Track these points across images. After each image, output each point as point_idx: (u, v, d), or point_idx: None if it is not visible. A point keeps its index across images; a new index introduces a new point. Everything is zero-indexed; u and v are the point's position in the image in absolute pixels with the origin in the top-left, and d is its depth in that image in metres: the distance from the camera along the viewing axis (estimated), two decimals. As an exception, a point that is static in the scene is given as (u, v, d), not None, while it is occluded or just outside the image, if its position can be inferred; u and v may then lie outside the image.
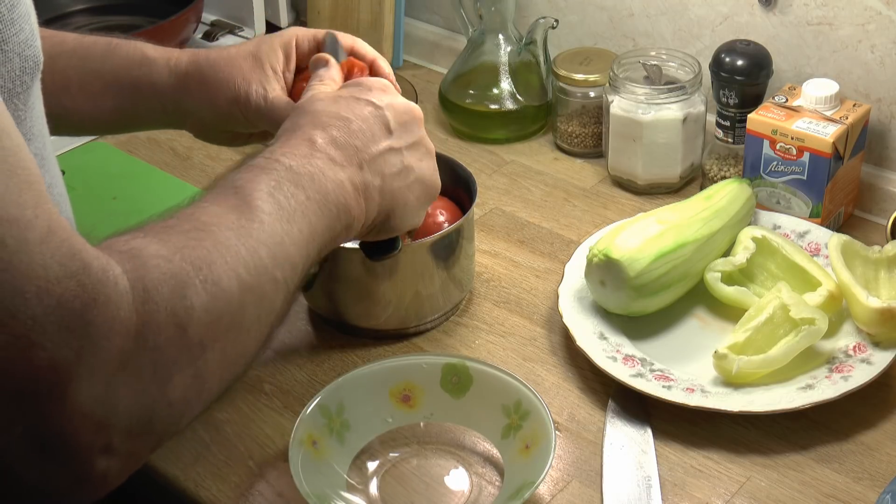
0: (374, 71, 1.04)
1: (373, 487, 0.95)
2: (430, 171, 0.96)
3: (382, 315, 1.08)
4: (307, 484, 0.89)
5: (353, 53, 1.04)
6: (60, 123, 0.92)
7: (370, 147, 0.90)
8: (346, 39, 1.05)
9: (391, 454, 0.98)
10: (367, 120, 0.91)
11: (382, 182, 0.91)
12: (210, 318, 0.68)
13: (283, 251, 0.77)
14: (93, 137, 1.44)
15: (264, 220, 0.77)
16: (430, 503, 0.94)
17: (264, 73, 1.01)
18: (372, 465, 0.97)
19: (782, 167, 1.18)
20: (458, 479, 0.95)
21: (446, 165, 1.08)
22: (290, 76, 1.03)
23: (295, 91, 1.02)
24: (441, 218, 1.10)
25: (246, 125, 1.03)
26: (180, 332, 0.66)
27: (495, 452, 0.96)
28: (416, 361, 1.00)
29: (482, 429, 0.98)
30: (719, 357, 1.00)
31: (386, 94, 0.94)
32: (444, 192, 1.05)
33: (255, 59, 1.01)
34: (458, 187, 1.12)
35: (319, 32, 1.05)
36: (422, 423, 0.99)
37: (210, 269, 0.70)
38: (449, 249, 1.08)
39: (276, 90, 1.01)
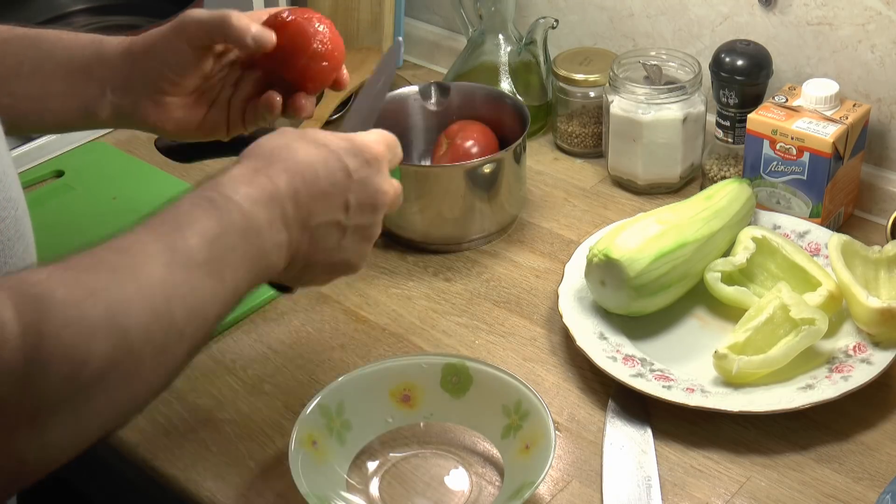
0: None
1: (373, 487, 0.95)
2: (358, 255, 0.90)
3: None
4: (307, 484, 0.89)
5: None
6: (6, 116, 0.89)
7: (321, 216, 0.85)
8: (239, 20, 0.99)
9: (391, 454, 0.98)
10: (336, 186, 0.85)
11: (313, 252, 0.85)
12: (106, 367, 0.66)
13: (201, 308, 0.74)
14: (93, 137, 1.44)
15: (192, 272, 0.73)
16: (431, 503, 0.94)
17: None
18: (372, 465, 0.97)
19: (782, 167, 1.18)
20: (458, 479, 0.96)
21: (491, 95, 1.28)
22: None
23: (274, 25, 0.97)
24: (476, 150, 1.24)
25: (193, 61, 0.97)
26: (71, 379, 0.64)
27: (495, 452, 0.96)
28: (415, 361, 1.00)
29: (482, 429, 0.98)
30: (719, 357, 1.00)
31: (369, 168, 0.88)
32: (488, 124, 1.26)
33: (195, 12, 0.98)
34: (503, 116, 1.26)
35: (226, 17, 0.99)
36: (422, 423, 0.99)
37: (121, 317, 0.67)
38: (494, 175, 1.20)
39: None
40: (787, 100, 1.20)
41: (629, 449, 0.97)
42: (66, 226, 1.26)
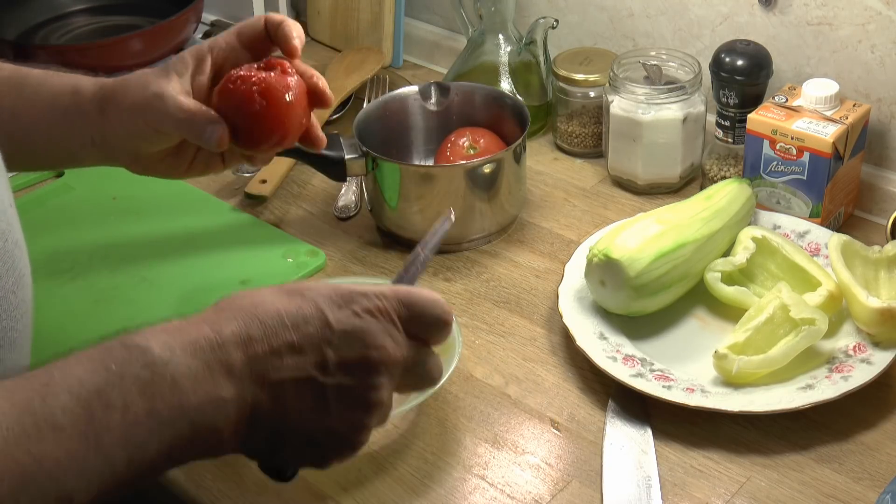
0: (281, 39, 0.97)
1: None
2: (352, 428, 0.75)
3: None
4: None
5: (243, 38, 0.99)
6: None
7: (287, 370, 0.72)
8: (229, 36, 0.98)
9: None
10: (306, 338, 0.72)
11: (281, 416, 0.72)
12: None
13: (47, 483, 0.61)
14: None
15: (44, 437, 0.61)
16: None
17: (167, 78, 0.94)
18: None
19: (782, 167, 1.18)
20: None
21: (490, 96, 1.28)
22: (204, 79, 0.96)
23: (219, 91, 0.95)
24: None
25: (160, 139, 0.95)
26: None
27: None
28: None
29: None
30: (719, 357, 1.00)
31: (356, 320, 0.74)
32: (488, 124, 1.26)
33: (161, 69, 0.96)
34: (503, 116, 1.26)
35: (244, 26, 0.98)
36: None
37: None
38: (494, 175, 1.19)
39: (175, 91, 0.93)
40: (787, 100, 1.20)
41: (629, 449, 0.97)
42: (66, 226, 1.26)
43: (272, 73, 0.95)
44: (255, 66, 0.96)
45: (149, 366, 0.66)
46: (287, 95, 0.94)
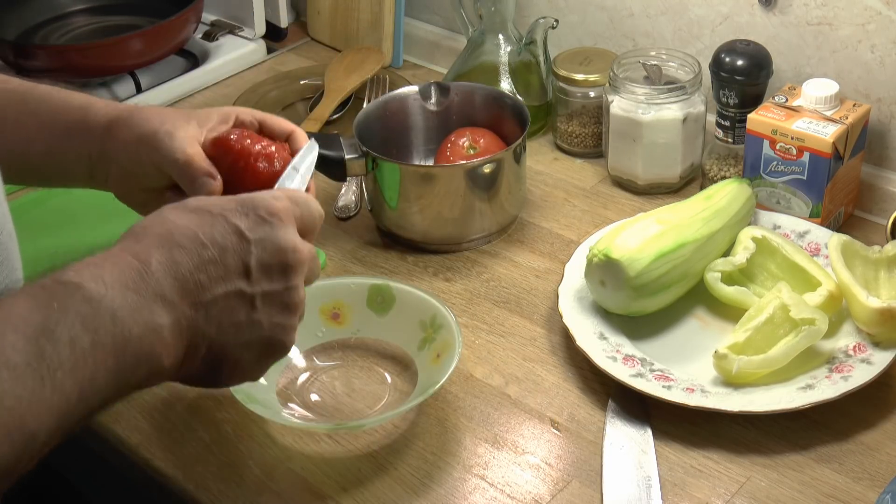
0: (291, 144, 0.97)
1: (302, 393, 1.03)
2: (282, 330, 0.79)
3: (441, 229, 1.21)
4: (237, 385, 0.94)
5: (264, 128, 0.98)
6: None
7: (215, 287, 0.74)
8: (255, 115, 0.98)
9: (319, 364, 1.07)
10: (226, 251, 0.75)
11: (217, 332, 0.75)
12: None
13: (17, 421, 0.62)
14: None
15: (1, 378, 0.62)
16: (352, 407, 1.02)
17: (186, 122, 0.94)
18: (303, 375, 1.05)
19: (782, 167, 1.18)
20: (379, 386, 1.04)
21: (490, 96, 1.28)
22: (214, 136, 0.96)
23: (221, 143, 0.95)
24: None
25: (155, 174, 0.94)
26: None
27: (412, 362, 1.04)
28: (344, 282, 1.09)
29: (402, 342, 1.06)
30: (719, 357, 1.00)
31: (265, 225, 0.77)
32: (488, 124, 1.27)
33: (186, 113, 0.96)
34: (503, 116, 1.26)
35: (265, 116, 0.99)
36: (352, 338, 1.08)
37: None
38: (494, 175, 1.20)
39: (187, 135, 0.93)
40: (787, 100, 1.20)
41: (629, 449, 0.97)
42: (67, 226, 1.26)
43: (273, 145, 0.95)
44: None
45: (87, 301, 0.67)
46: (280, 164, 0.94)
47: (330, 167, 1.21)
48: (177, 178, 0.93)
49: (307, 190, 0.91)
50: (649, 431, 0.99)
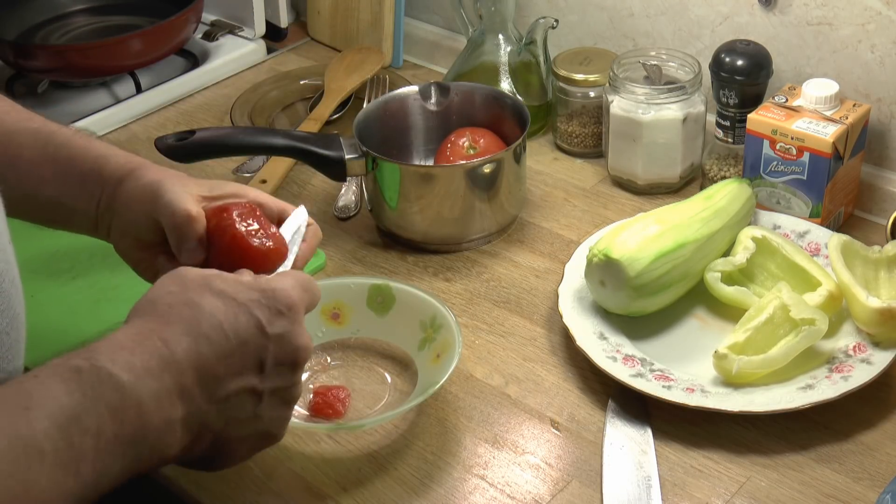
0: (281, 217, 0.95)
1: (303, 393, 0.98)
2: (279, 423, 0.81)
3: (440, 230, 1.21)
4: None
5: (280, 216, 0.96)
6: None
7: (231, 382, 0.75)
8: (271, 203, 0.95)
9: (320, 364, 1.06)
10: (246, 345, 0.75)
11: (223, 426, 0.76)
12: None
13: (26, 501, 0.62)
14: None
15: (32, 464, 0.62)
16: (352, 407, 1.01)
17: (197, 184, 0.93)
18: (303, 375, 1.00)
19: (782, 167, 1.18)
20: (379, 386, 1.04)
21: (490, 96, 1.29)
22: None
23: (222, 214, 0.92)
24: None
25: (147, 227, 0.92)
26: None
27: (412, 362, 1.04)
28: (344, 282, 1.09)
29: (402, 342, 1.06)
30: (719, 357, 1.00)
31: (284, 319, 0.78)
32: (488, 124, 1.27)
33: (199, 179, 0.95)
34: (503, 116, 1.27)
35: (282, 205, 0.96)
36: (353, 339, 1.08)
37: None
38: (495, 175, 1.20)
39: (191, 192, 0.91)
40: (787, 100, 1.20)
41: (629, 449, 0.97)
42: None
43: (272, 229, 0.92)
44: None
45: (117, 389, 0.67)
46: (278, 261, 0.92)
47: (330, 167, 1.21)
48: (167, 230, 0.89)
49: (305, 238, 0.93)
50: (649, 431, 0.99)
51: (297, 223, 0.95)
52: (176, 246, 0.90)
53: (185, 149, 1.15)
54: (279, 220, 0.95)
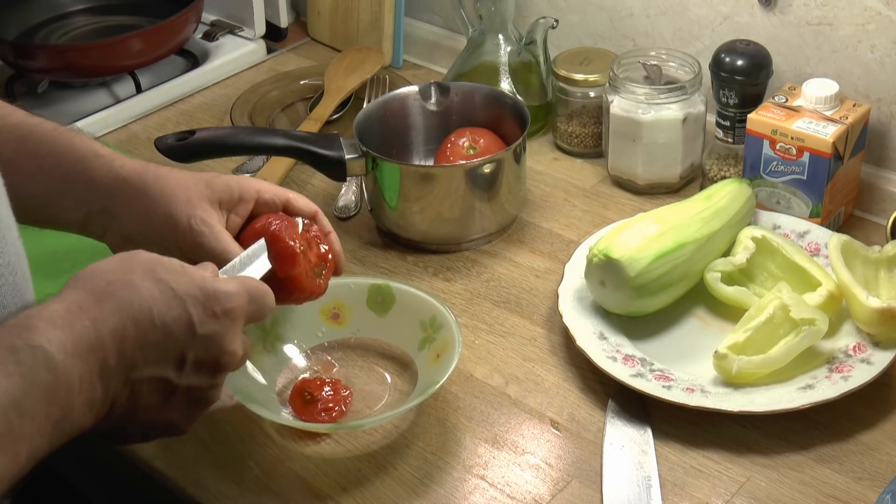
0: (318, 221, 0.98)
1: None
2: (187, 420, 0.81)
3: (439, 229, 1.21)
4: (237, 385, 0.96)
5: (289, 209, 0.98)
6: None
7: (147, 368, 0.75)
8: (278, 194, 0.96)
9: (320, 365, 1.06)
10: (170, 339, 0.76)
11: (131, 409, 0.76)
12: None
13: None
14: (94, 137, 1.44)
15: None
16: (352, 407, 1.01)
17: (211, 203, 0.93)
18: (303, 375, 1.05)
19: (782, 167, 1.18)
20: (379, 386, 1.04)
21: (490, 96, 1.29)
22: (238, 220, 0.95)
23: (243, 236, 0.95)
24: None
25: (171, 248, 0.91)
26: None
27: (412, 362, 1.04)
28: (344, 282, 1.07)
29: (402, 342, 1.06)
30: (719, 357, 1.00)
31: (217, 323, 0.78)
32: (488, 124, 1.27)
33: (207, 186, 0.94)
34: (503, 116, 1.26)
35: (288, 195, 0.97)
36: (353, 339, 1.08)
37: None
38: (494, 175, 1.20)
39: (217, 223, 0.92)
40: (787, 100, 1.20)
41: (629, 449, 0.97)
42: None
43: (322, 248, 0.96)
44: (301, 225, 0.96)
45: (52, 370, 0.68)
46: (313, 274, 0.95)
47: (330, 167, 1.21)
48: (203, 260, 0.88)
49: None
50: (649, 431, 0.99)
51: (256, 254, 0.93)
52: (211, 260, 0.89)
53: (185, 149, 1.15)
54: (287, 210, 0.97)
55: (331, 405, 0.99)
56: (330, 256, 0.98)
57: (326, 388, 1.00)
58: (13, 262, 0.76)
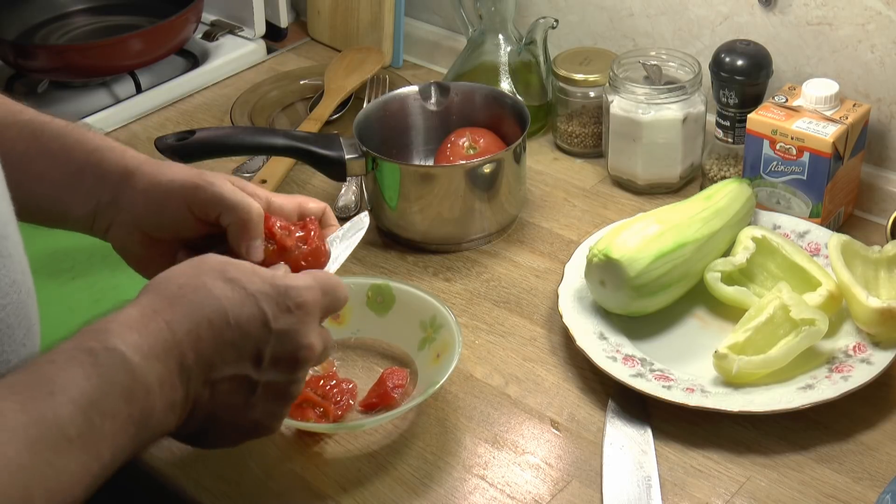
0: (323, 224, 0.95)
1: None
2: (272, 417, 0.82)
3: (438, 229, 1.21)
4: None
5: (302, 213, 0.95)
6: None
7: (226, 368, 0.75)
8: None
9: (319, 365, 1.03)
10: (247, 337, 0.76)
11: (214, 408, 0.77)
12: None
13: (68, 490, 0.64)
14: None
15: (61, 450, 0.64)
16: (354, 407, 1.00)
17: (215, 175, 0.91)
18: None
19: (782, 167, 1.18)
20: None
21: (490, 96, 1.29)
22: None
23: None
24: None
25: (187, 219, 0.90)
26: None
27: (412, 362, 1.04)
28: (344, 282, 1.03)
29: (402, 342, 1.06)
30: (719, 357, 1.00)
31: (291, 317, 0.78)
32: (488, 124, 1.27)
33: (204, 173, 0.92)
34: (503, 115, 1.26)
35: (304, 201, 0.94)
36: (353, 339, 1.08)
37: None
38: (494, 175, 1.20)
39: (227, 182, 0.90)
40: (787, 100, 1.20)
41: (629, 449, 0.97)
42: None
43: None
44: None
45: (129, 372, 0.69)
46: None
47: (330, 167, 1.21)
48: (235, 226, 0.88)
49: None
50: (649, 431, 0.99)
51: (352, 229, 0.95)
52: (243, 243, 0.88)
53: (185, 149, 1.15)
54: (300, 216, 0.94)
55: (339, 399, 0.99)
56: (313, 234, 0.93)
57: (330, 384, 1.00)
58: (18, 281, 0.75)
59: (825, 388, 0.99)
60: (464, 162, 1.21)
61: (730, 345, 1.01)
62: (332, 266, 0.91)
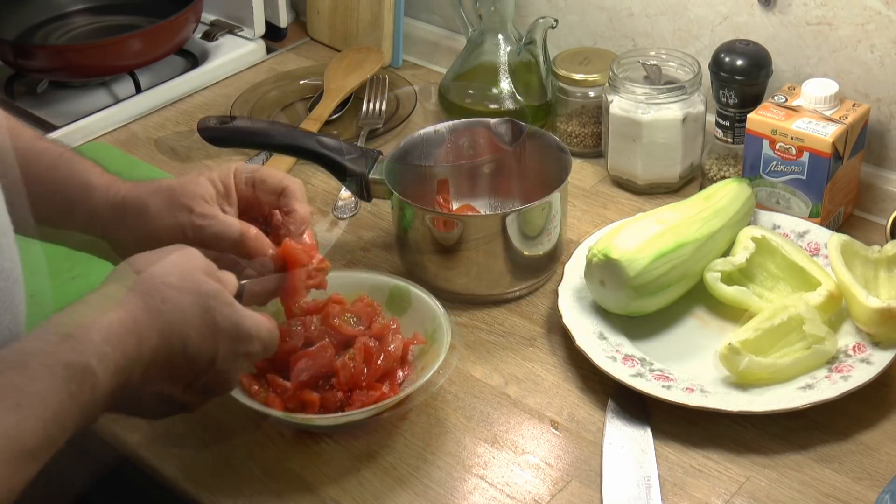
0: (283, 200, 0.98)
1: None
2: (161, 415, 0.88)
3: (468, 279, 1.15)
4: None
5: (258, 185, 0.99)
6: None
7: (157, 385, 0.82)
8: (253, 173, 0.99)
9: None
10: (191, 367, 0.82)
11: (134, 404, 0.84)
12: None
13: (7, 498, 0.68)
14: (93, 137, 1.44)
15: (19, 467, 0.67)
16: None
17: (204, 199, 0.95)
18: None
19: (782, 167, 1.18)
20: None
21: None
22: (232, 210, 0.97)
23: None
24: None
25: (181, 236, 0.94)
26: None
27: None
28: (367, 277, 1.09)
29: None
30: (732, 350, 0.99)
31: (235, 362, 0.85)
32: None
33: (193, 183, 0.96)
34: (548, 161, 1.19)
35: (260, 172, 0.99)
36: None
37: None
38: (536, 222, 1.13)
39: (218, 212, 0.95)
40: (786, 100, 1.20)
41: (629, 449, 0.97)
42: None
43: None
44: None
45: (93, 388, 0.72)
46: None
47: (354, 184, 1.17)
48: (227, 244, 0.94)
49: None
50: (649, 431, 0.99)
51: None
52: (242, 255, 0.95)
53: (223, 132, 1.18)
54: (280, 192, 0.98)
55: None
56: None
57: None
58: (7, 268, 0.78)
59: (825, 387, 0.99)
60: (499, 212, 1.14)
61: (741, 340, 1.01)
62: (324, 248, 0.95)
